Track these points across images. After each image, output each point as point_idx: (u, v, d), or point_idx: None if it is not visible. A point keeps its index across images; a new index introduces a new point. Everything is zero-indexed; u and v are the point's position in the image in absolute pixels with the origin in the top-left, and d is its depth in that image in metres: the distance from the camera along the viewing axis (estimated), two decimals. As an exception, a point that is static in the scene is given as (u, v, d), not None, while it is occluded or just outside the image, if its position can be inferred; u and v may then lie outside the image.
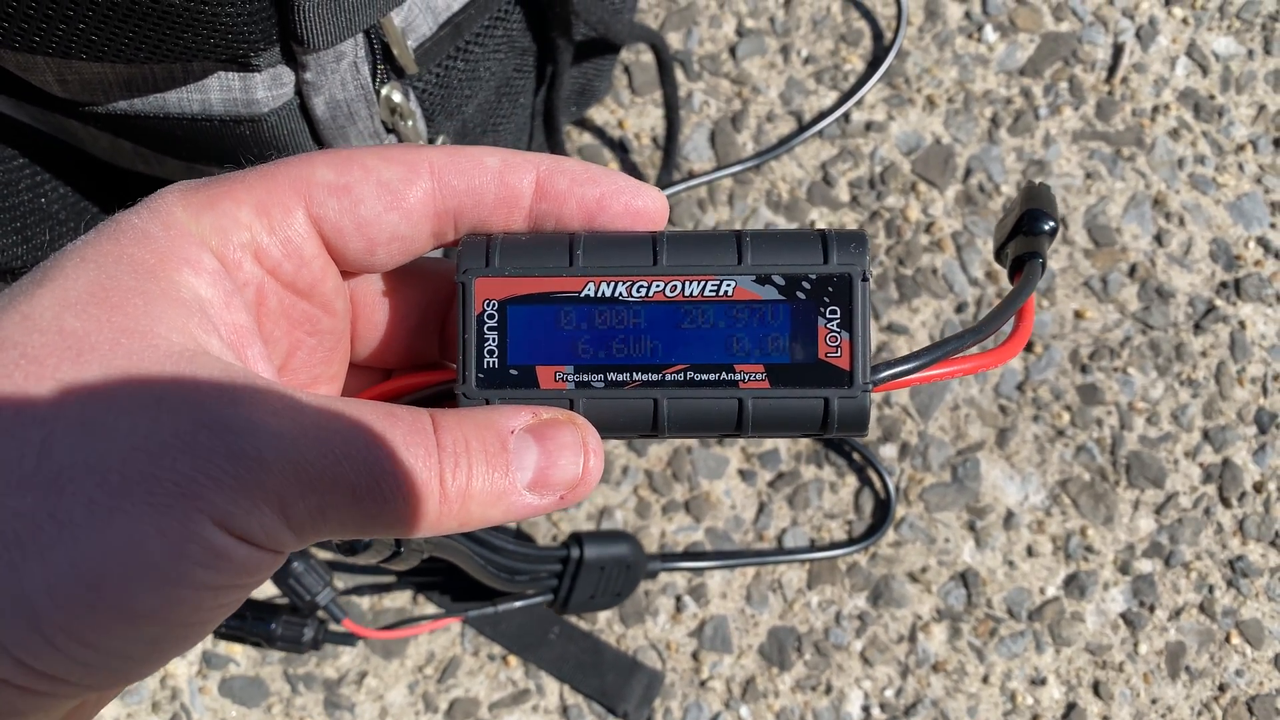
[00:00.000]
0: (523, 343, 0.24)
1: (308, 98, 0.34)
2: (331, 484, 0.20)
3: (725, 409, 0.24)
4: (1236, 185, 0.65)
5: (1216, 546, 0.60)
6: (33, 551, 0.18)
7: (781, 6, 0.67)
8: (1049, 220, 0.27)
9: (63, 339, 0.19)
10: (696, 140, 0.65)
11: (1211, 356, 0.63)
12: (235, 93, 0.33)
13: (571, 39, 0.46)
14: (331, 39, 0.32)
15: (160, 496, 0.18)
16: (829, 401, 0.24)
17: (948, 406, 0.61)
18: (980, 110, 0.65)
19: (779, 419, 0.24)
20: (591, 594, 0.54)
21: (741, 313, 0.24)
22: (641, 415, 0.24)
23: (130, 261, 0.20)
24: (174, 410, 0.19)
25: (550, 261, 0.24)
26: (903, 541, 0.59)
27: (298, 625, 0.53)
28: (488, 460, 0.21)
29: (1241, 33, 0.68)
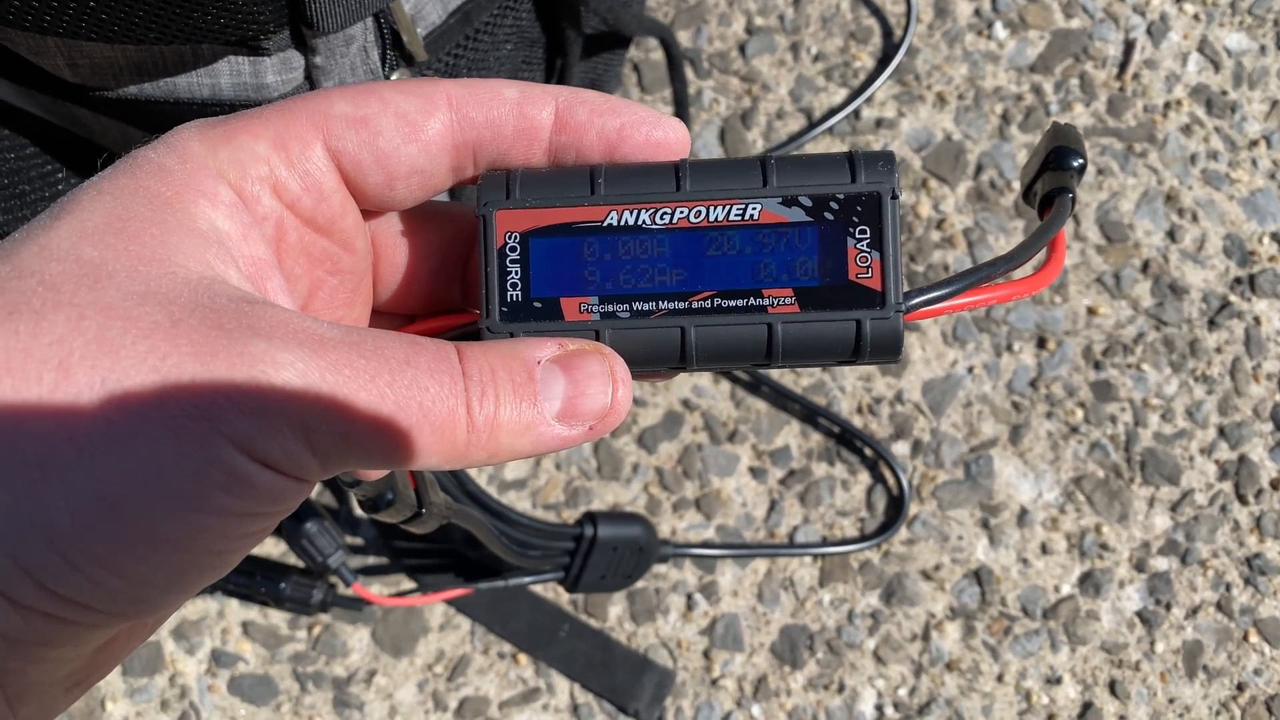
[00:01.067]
0: (546, 274, 0.24)
1: (317, 82, 0.34)
2: (355, 410, 0.19)
3: (755, 335, 0.24)
4: (1250, 181, 0.65)
5: (1233, 544, 0.60)
6: (52, 472, 0.18)
7: (791, 4, 0.67)
8: (1078, 156, 0.26)
9: (80, 267, 0.19)
10: (706, 137, 0.64)
11: (1226, 353, 0.62)
12: (245, 77, 0.33)
13: (581, 31, 0.46)
14: (341, 22, 0.32)
15: (180, 419, 0.18)
16: (861, 323, 0.23)
17: (960, 403, 0.61)
18: (991, 107, 0.65)
19: (810, 344, 0.24)
20: (602, 574, 0.54)
21: (768, 236, 0.24)
22: (669, 345, 0.24)
23: (147, 194, 0.20)
24: (191, 333, 0.18)
25: (571, 191, 0.23)
26: (915, 539, 0.59)
27: (307, 586, 0.53)
28: (515, 390, 0.21)
29: (1253, 28, 0.67)
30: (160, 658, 0.56)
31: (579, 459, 0.59)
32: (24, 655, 0.19)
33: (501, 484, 0.59)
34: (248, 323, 0.19)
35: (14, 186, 0.37)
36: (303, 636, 0.57)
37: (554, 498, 0.59)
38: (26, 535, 0.18)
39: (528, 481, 0.59)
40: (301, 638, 0.57)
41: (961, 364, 0.61)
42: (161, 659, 0.56)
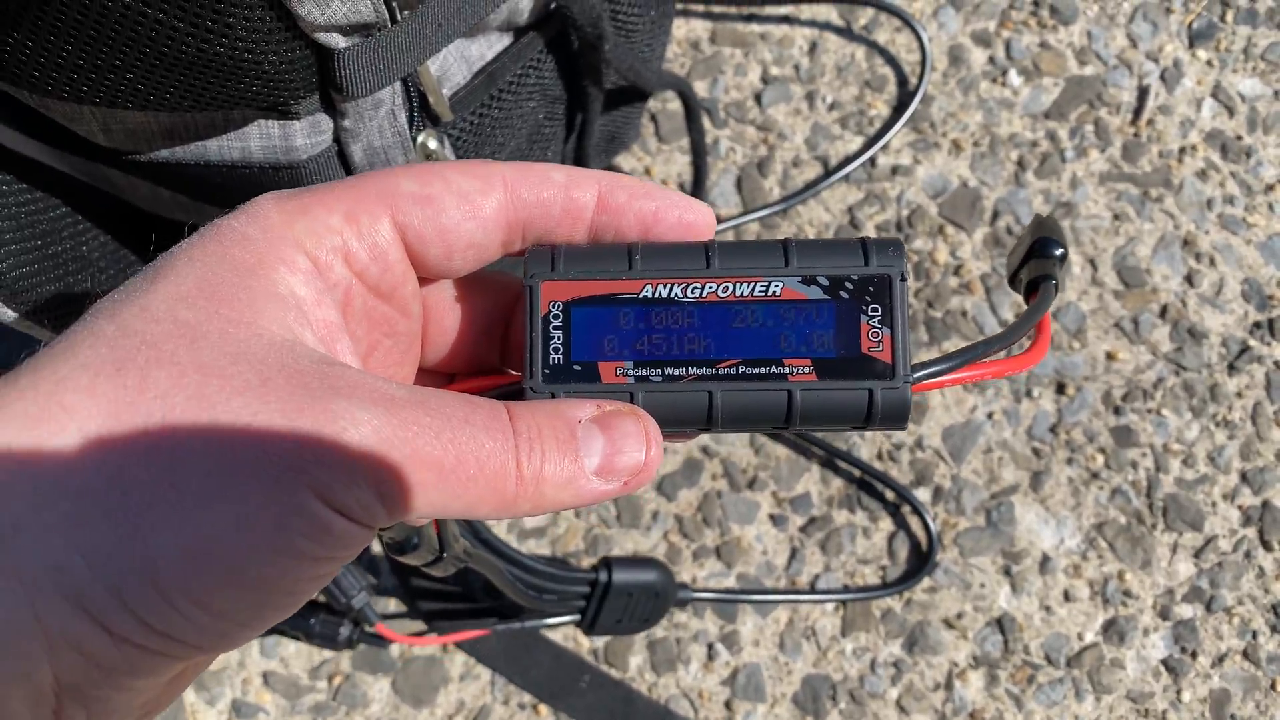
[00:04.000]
0: (585, 340, 0.25)
1: (345, 145, 0.35)
2: (421, 463, 0.21)
3: (775, 401, 0.25)
4: (1267, 225, 0.65)
5: (1259, 591, 0.59)
6: (157, 517, 0.19)
7: (806, 54, 0.67)
8: (1059, 246, 0.30)
9: (177, 328, 0.21)
10: (724, 186, 0.65)
11: (1247, 397, 0.62)
12: (275, 140, 0.34)
13: (601, 87, 0.47)
14: (370, 87, 0.32)
15: (269, 470, 0.20)
16: (873, 393, 0.25)
17: (980, 449, 0.61)
18: (1006, 153, 0.66)
19: (826, 410, 0.26)
20: (618, 618, 0.54)
21: (789, 311, 0.26)
22: (697, 408, 0.25)
23: (233, 261, 0.22)
24: (279, 391, 0.20)
25: (611, 266, 0.25)
26: (937, 587, 0.59)
27: (335, 624, 0.54)
28: (559, 447, 0.23)
29: (1267, 74, 0.68)
30: (181, 709, 0.56)
31: (599, 507, 0.59)
32: (113, 683, 0.20)
33: (521, 532, 0.59)
34: (328, 383, 0.21)
35: (46, 248, 0.37)
36: (323, 687, 0.56)
37: (574, 545, 0.59)
38: (131, 573, 0.19)
39: (547, 529, 0.59)
40: (322, 688, 0.56)
41: (981, 410, 0.61)
42: (182, 710, 0.56)
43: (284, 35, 0.28)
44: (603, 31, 0.41)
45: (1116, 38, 0.68)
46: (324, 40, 0.30)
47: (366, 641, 0.56)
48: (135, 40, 0.26)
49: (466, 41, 0.39)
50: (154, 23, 0.26)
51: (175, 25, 0.26)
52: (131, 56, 0.27)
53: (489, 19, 0.38)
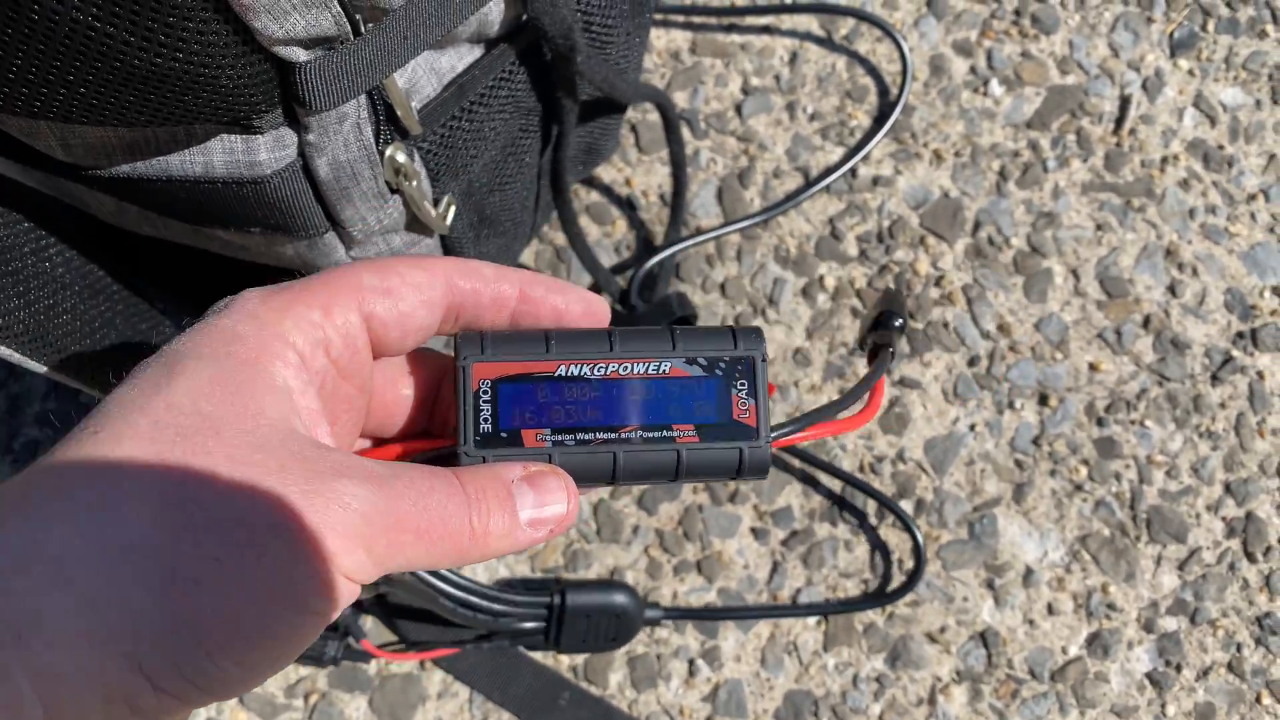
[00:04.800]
0: (510, 412, 0.30)
1: (310, 159, 0.34)
2: (402, 529, 0.25)
3: (667, 460, 0.31)
4: (1249, 235, 0.65)
5: (1243, 603, 0.59)
6: (204, 587, 0.22)
7: (787, 64, 0.67)
8: (899, 318, 0.37)
9: (202, 420, 0.24)
10: (704, 197, 0.65)
11: (1230, 408, 0.62)
12: (238, 155, 0.33)
13: (576, 99, 0.46)
14: (333, 101, 0.32)
15: (291, 542, 0.23)
16: (742, 451, 0.31)
17: (963, 461, 0.60)
18: (988, 164, 0.65)
19: (706, 466, 0.31)
20: (583, 638, 0.54)
21: (675, 386, 0.31)
22: (603, 466, 0.30)
23: (235, 357, 0.25)
24: (294, 476, 0.24)
25: (530, 349, 0.30)
26: (920, 601, 0.58)
27: (321, 642, 0.54)
28: (499, 504, 0.27)
29: (1248, 83, 0.68)
30: (154, 729, 0.55)
31: (579, 522, 0.59)
32: None
33: (500, 547, 0.58)
34: (328, 466, 0.25)
35: (7, 264, 0.37)
36: (299, 705, 0.56)
37: (553, 561, 0.58)
38: (182, 638, 0.22)
39: (527, 545, 0.58)
40: (298, 706, 0.56)
41: (963, 421, 0.61)
42: (155, 730, 0.55)
43: (241, 49, 0.28)
44: (575, 43, 0.41)
45: (1098, 47, 0.68)
46: (284, 54, 0.29)
47: (351, 658, 0.55)
48: (86, 55, 0.26)
49: (436, 53, 0.38)
50: (104, 37, 0.25)
51: (127, 40, 0.26)
52: (83, 71, 0.26)
53: (458, 31, 0.37)
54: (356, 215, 0.37)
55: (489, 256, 0.51)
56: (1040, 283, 0.63)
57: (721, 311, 0.62)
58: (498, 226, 0.50)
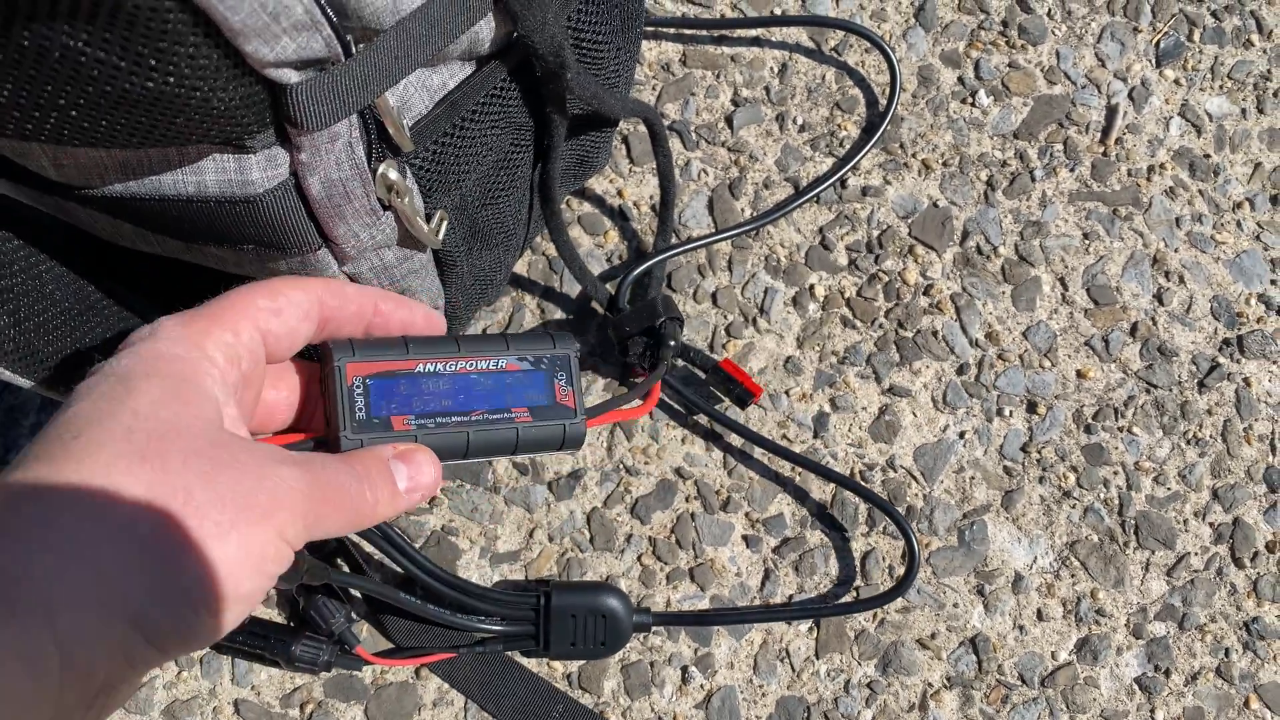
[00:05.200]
0: (379, 402, 0.37)
1: (303, 178, 0.35)
2: (325, 502, 0.32)
3: (508, 436, 0.39)
4: (1235, 243, 0.65)
5: (1231, 608, 0.59)
6: (189, 558, 0.28)
7: (776, 76, 0.67)
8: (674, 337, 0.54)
9: (165, 425, 0.29)
10: (695, 207, 0.65)
11: (1217, 414, 0.62)
12: (230, 174, 0.33)
13: (566, 114, 0.47)
14: (325, 121, 0.32)
15: (254, 520, 0.29)
16: (565, 427, 0.40)
17: (952, 468, 0.61)
18: (976, 173, 0.66)
19: (538, 441, 0.39)
20: (571, 641, 0.54)
21: (511, 378, 0.40)
22: (459, 443, 0.38)
23: (175, 374, 0.31)
24: (245, 467, 0.30)
25: (393, 352, 0.37)
26: (911, 607, 0.58)
27: (315, 648, 0.55)
28: (382, 478, 0.35)
29: (1234, 92, 0.68)
30: (150, 740, 0.55)
31: (571, 530, 0.59)
32: (135, 678, 0.28)
33: (495, 555, 0.58)
34: (267, 457, 0.31)
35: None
36: (295, 715, 0.56)
37: (547, 569, 0.58)
38: (173, 604, 0.27)
39: (521, 554, 0.59)
40: (294, 716, 0.56)
41: (953, 429, 0.61)
42: (151, 741, 0.55)
43: (232, 73, 0.28)
44: (565, 60, 0.41)
45: (1085, 57, 0.68)
46: (275, 76, 0.30)
47: (343, 666, 0.55)
48: (76, 79, 0.26)
49: (428, 71, 0.39)
50: (95, 62, 0.26)
51: (117, 64, 0.26)
52: (74, 95, 0.27)
53: (449, 49, 0.38)
54: (349, 232, 0.38)
55: (482, 270, 0.52)
56: (1028, 291, 0.64)
57: (713, 321, 0.63)
58: (490, 240, 0.50)
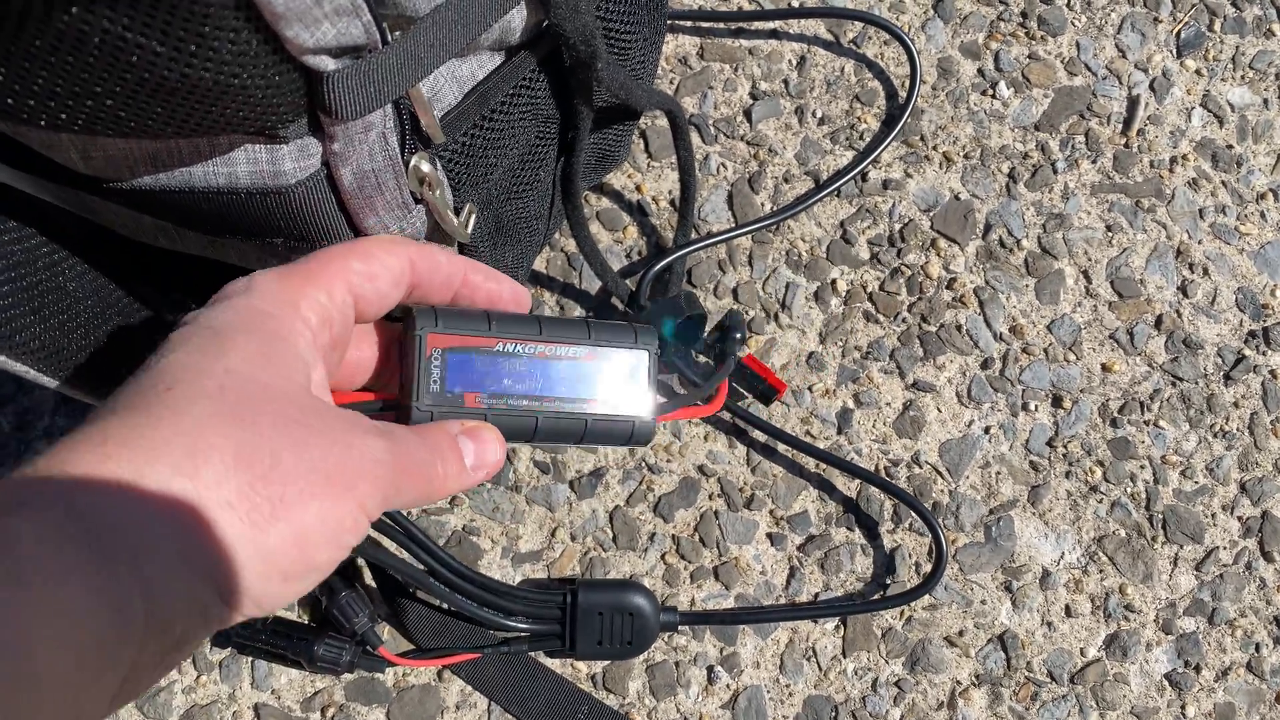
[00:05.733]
0: (455, 377, 0.36)
1: (335, 168, 0.34)
2: (405, 475, 0.31)
3: (576, 426, 0.39)
4: (1259, 234, 0.65)
5: (1261, 603, 0.59)
6: (271, 523, 0.27)
7: (795, 69, 0.67)
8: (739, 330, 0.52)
9: (257, 386, 0.29)
10: (715, 202, 0.64)
11: (1244, 407, 0.62)
12: (262, 165, 0.33)
13: (593, 106, 0.46)
14: (361, 110, 0.31)
15: (338, 492, 0.29)
16: (635, 423, 0.40)
17: (978, 464, 0.60)
18: (997, 166, 0.65)
19: (605, 434, 0.39)
20: (599, 640, 0.53)
21: (589, 367, 0.39)
22: (526, 427, 0.38)
23: (269, 333, 0.30)
24: (335, 437, 0.30)
25: (475, 327, 0.37)
26: (938, 604, 0.58)
27: (337, 648, 0.54)
28: (452, 454, 0.34)
29: (1255, 82, 0.68)
30: (169, 745, 0.55)
31: (594, 529, 0.58)
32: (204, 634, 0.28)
33: (517, 555, 0.58)
34: (351, 425, 0.31)
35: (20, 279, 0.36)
36: (316, 719, 0.55)
37: (570, 569, 0.58)
38: (251, 568, 0.27)
39: (543, 553, 0.58)
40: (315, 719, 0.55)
41: (978, 424, 0.61)
42: (171, 746, 0.55)
43: (271, 59, 0.28)
44: (596, 50, 0.41)
45: (1105, 48, 0.68)
46: (313, 63, 0.29)
47: (365, 667, 0.55)
48: (115, 66, 0.25)
49: (458, 61, 0.38)
50: (134, 48, 0.25)
51: (157, 50, 0.25)
52: (111, 83, 0.26)
53: (480, 38, 0.37)
54: (380, 224, 0.37)
55: (505, 265, 0.51)
56: (1052, 284, 0.63)
57: (733, 317, 0.62)
58: (514, 235, 0.50)
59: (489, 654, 0.55)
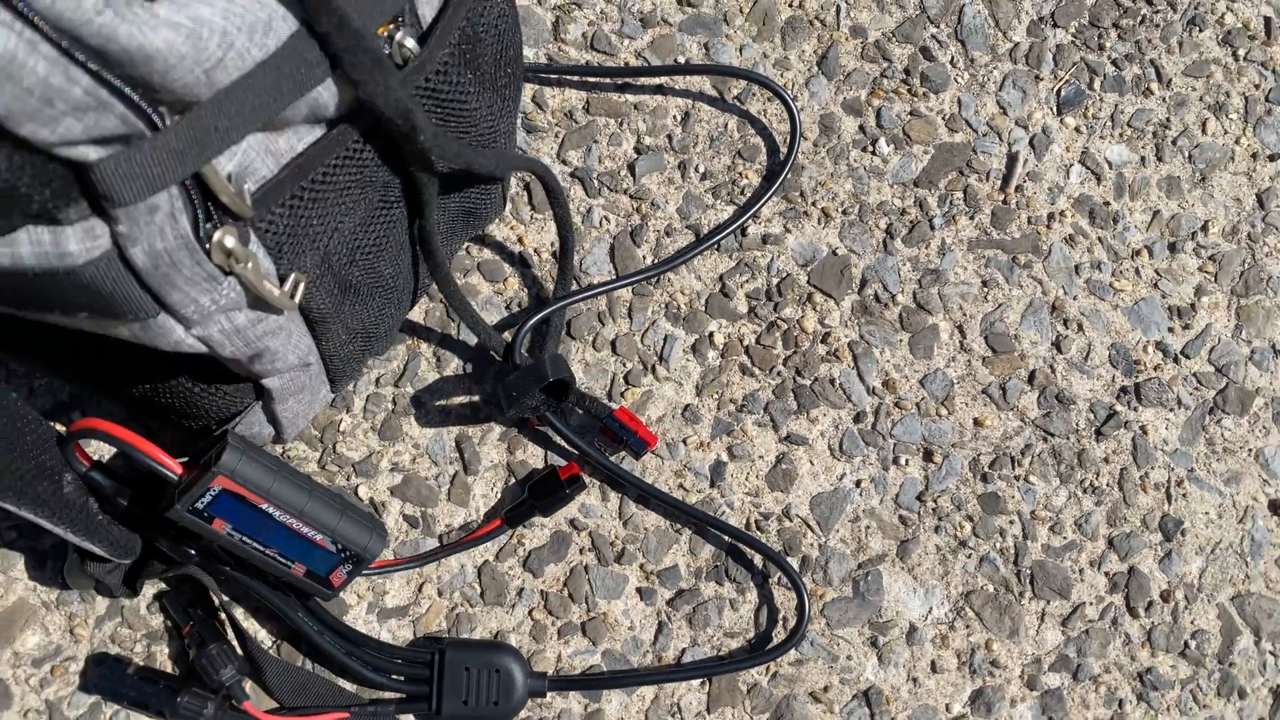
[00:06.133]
0: (220, 507, 0.48)
1: (125, 248, 0.34)
2: None
3: (281, 572, 0.51)
4: (1133, 290, 0.66)
5: (1125, 659, 0.59)
6: None
7: (679, 124, 0.68)
8: None
9: None
10: (597, 254, 0.65)
11: (1114, 463, 0.62)
12: (45, 246, 0.33)
13: (434, 172, 0.46)
14: (136, 196, 0.32)
15: None
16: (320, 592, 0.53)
17: (848, 518, 0.60)
18: (875, 221, 0.66)
19: (296, 586, 0.52)
20: (464, 699, 0.54)
21: (313, 549, 0.51)
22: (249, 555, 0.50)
23: None
24: None
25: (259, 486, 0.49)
26: (804, 660, 0.58)
27: (200, 700, 0.53)
28: None
29: (1133, 140, 0.69)
30: (24, 802, 0.54)
31: (462, 585, 0.58)
32: None
33: (383, 611, 0.58)
34: None
35: None
36: (175, 775, 0.55)
37: (435, 625, 0.58)
38: None
39: (409, 609, 0.58)
40: (174, 776, 0.55)
41: (850, 477, 0.61)
42: (25, 803, 0.54)
43: (19, 155, 0.28)
44: (416, 124, 0.41)
45: (986, 105, 0.69)
46: (71, 154, 0.29)
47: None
48: None
49: (272, 135, 0.38)
50: None
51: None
52: None
53: (289, 114, 0.38)
54: (186, 298, 0.37)
55: (361, 324, 0.51)
56: (926, 339, 0.64)
57: (612, 369, 0.62)
58: (366, 295, 0.50)
59: (356, 713, 0.55)
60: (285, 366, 0.47)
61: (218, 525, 0.48)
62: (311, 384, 0.51)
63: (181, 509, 0.47)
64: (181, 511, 0.47)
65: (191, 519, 0.48)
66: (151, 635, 0.56)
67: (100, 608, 0.57)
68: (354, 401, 0.61)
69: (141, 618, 0.57)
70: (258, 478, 0.48)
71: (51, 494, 0.45)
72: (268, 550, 0.50)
